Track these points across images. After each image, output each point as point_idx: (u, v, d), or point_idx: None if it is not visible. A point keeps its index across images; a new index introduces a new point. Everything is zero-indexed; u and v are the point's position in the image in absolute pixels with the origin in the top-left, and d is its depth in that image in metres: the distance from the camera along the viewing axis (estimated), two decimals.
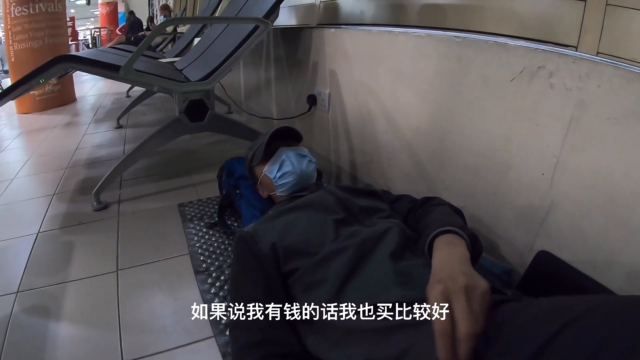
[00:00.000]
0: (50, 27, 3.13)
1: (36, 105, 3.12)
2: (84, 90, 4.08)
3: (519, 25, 0.93)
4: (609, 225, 0.62)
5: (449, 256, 0.54)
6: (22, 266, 1.03)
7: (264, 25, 1.27)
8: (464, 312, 0.44)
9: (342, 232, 0.69)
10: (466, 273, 0.49)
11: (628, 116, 0.58)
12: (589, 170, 0.64)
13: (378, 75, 1.13)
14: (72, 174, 1.70)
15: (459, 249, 0.56)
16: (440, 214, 0.70)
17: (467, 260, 0.53)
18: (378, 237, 0.66)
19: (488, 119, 0.81)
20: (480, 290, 0.46)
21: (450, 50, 0.86)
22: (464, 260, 0.53)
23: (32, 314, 0.87)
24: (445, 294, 0.46)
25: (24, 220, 1.30)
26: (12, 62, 3.11)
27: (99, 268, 1.00)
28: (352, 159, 1.33)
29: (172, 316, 0.83)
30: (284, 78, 1.78)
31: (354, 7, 1.46)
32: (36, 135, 2.48)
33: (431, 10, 1.15)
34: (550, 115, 0.69)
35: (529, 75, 0.71)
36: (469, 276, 0.48)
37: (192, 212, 1.26)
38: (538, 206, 0.73)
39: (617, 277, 0.62)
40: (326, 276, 0.63)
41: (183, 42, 2.94)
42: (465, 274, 0.49)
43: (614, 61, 0.61)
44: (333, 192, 0.79)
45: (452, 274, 0.49)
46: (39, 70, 1.15)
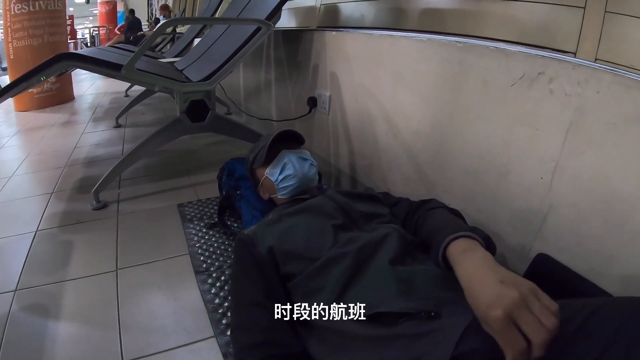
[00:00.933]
0: (49, 25, 3.12)
1: (34, 103, 3.11)
2: (82, 88, 4.07)
3: (518, 30, 0.94)
4: (606, 228, 0.63)
5: (477, 266, 0.49)
6: (20, 264, 1.03)
7: (266, 27, 1.27)
8: (534, 325, 0.40)
9: (341, 237, 0.69)
10: (508, 280, 0.44)
11: (626, 122, 0.59)
12: (588, 174, 0.65)
13: (379, 78, 1.14)
14: (71, 173, 1.69)
15: (480, 253, 0.52)
16: (441, 219, 0.68)
17: (494, 263, 0.49)
18: (377, 242, 0.66)
19: (488, 123, 0.82)
20: (531, 290, 0.43)
21: (452, 55, 0.87)
22: (493, 265, 0.49)
23: (30, 313, 0.87)
24: (507, 317, 0.41)
25: (22, 218, 1.29)
26: (11, 59, 3.10)
27: (98, 267, 1.00)
28: (351, 161, 1.34)
29: (172, 316, 0.83)
30: (284, 80, 1.79)
31: (355, 10, 1.47)
32: (34, 133, 2.47)
33: (431, 14, 1.16)
34: (549, 120, 0.70)
35: (529, 80, 0.72)
36: (513, 282, 0.44)
37: (191, 212, 1.26)
38: (537, 209, 0.74)
39: (615, 279, 0.63)
40: (325, 283, 0.63)
41: (183, 42, 2.94)
42: (507, 282, 0.44)
43: (613, 68, 0.62)
44: (333, 197, 0.79)
45: (498, 291, 0.43)
46: (40, 67, 1.15)
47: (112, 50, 2.12)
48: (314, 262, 0.66)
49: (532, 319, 0.40)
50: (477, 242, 0.55)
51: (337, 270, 0.63)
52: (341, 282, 0.61)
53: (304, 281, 0.66)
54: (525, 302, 0.42)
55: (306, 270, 0.66)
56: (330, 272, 0.64)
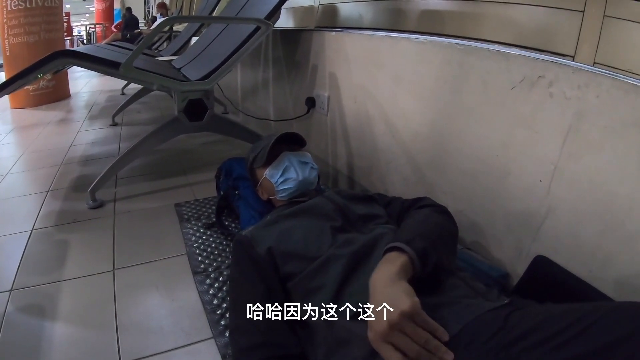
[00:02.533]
0: (46, 22, 3.09)
1: (30, 100, 3.07)
2: (78, 86, 4.03)
3: (516, 33, 0.95)
4: (604, 231, 0.64)
5: (376, 281, 0.53)
6: (15, 264, 1.02)
7: (266, 26, 1.27)
8: (406, 345, 0.47)
9: (339, 238, 0.69)
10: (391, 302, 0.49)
11: (625, 126, 0.60)
12: (586, 177, 0.66)
13: (378, 79, 1.14)
14: (67, 171, 1.68)
15: (388, 269, 0.54)
16: (409, 223, 0.68)
17: (391, 282, 0.52)
18: (372, 244, 0.66)
19: (487, 125, 0.82)
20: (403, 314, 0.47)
21: (452, 57, 0.88)
22: (389, 283, 0.52)
23: (26, 313, 0.86)
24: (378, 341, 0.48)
25: (17, 217, 1.28)
26: (7, 56, 3.07)
27: (95, 267, 0.99)
28: (350, 162, 1.34)
29: (170, 317, 0.82)
30: (282, 80, 1.78)
31: (353, 10, 1.47)
32: (30, 130, 2.44)
33: (430, 16, 1.17)
34: (549, 123, 0.70)
35: (529, 84, 0.72)
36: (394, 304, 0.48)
37: (189, 212, 1.25)
38: (535, 212, 0.74)
39: (611, 281, 0.63)
40: (324, 282, 0.63)
41: (180, 40, 2.93)
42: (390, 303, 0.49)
43: (613, 73, 0.62)
44: (332, 199, 0.79)
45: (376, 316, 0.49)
46: (38, 65, 1.13)
47: (110, 48, 2.10)
48: (313, 262, 0.66)
49: (402, 340, 0.47)
50: (402, 256, 0.56)
51: (334, 270, 0.63)
52: (338, 281, 0.62)
53: (304, 281, 0.66)
54: (397, 327, 0.48)
55: (306, 269, 0.66)
56: (328, 272, 0.64)
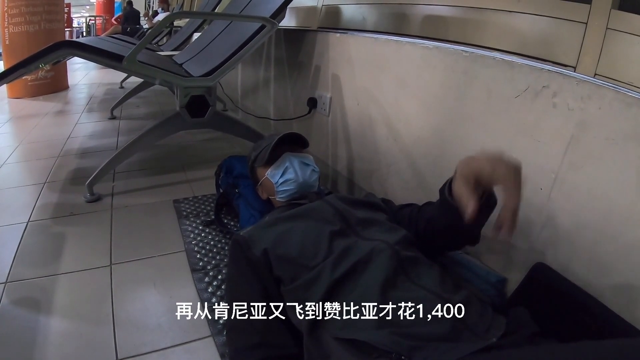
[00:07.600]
0: (47, 11, 3.06)
1: (28, 90, 3.04)
2: (76, 78, 4.00)
3: (519, 42, 0.96)
4: (602, 240, 0.65)
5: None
6: (10, 256, 1.01)
7: (271, 25, 1.27)
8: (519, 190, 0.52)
9: (336, 245, 0.67)
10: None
11: (626, 138, 0.61)
12: (586, 187, 0.67)
13: (381, 82, 1.14)
14: (64, 163, 1.66)
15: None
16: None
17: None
18: (367, 260, 0.64)
19: (490, 132, 0.83)
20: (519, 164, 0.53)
21: (457, 64, 0.88)
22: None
23: (21, 306, 0.85)
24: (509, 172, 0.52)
25: (13, 208, 1.27)
26: (7, 45, 3.03)
27: (91, 261, 0.99)
28: (350, 164, 1.34)
29: (168, 314, 0.82)
30: (283, 79, 1.78)
31: (356, 12, 1.47)
32: (27, 121, 2.41)
33: (433, 21, 1.17)
34: (551, 133, 0.71)
35: (533, 93, 0.73)
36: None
37: (187, 208, 1.25)
38: (535, 219, 0.75)
39: (609, 290, 0.64)
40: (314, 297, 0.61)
41: (181, 36, 2.91)
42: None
43: (615, 85, 0.63)
44: (332, 202, 0.78)
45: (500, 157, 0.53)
46: (40, 54, 1.13)
47: (111, 41, 2.09)
48: (306, 271, 0.65)
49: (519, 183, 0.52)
50: None
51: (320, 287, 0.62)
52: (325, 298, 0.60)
53: (297, 290, 0.65)
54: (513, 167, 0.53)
55: (299, 278, 0.65)
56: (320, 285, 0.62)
